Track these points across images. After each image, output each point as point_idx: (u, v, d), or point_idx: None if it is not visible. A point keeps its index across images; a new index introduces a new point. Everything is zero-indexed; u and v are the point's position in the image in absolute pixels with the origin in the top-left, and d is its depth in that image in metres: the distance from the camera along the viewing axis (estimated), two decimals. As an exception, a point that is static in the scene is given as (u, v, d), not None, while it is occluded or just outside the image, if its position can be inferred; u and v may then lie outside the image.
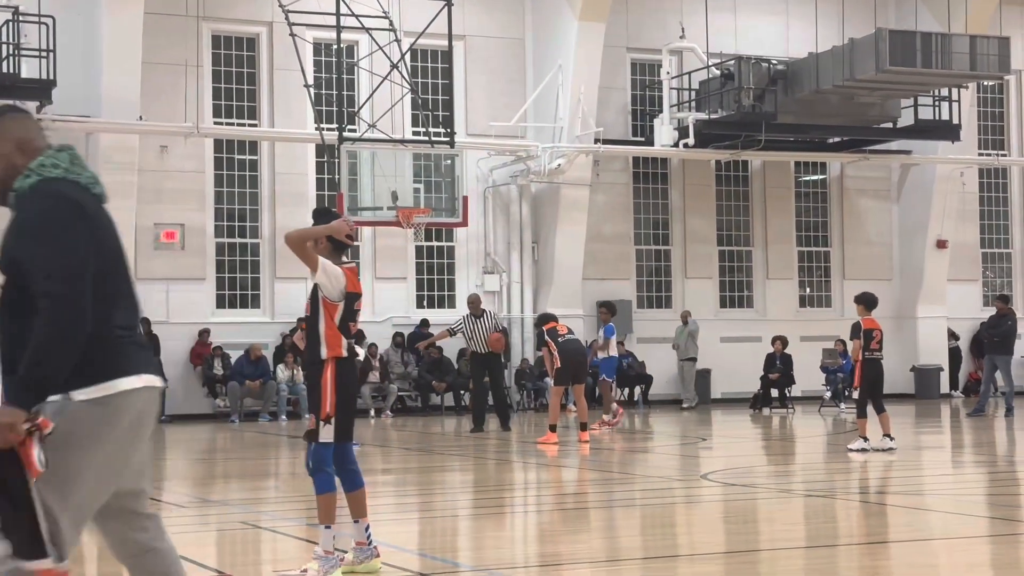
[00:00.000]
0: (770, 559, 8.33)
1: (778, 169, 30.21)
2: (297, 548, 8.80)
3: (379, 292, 27.04)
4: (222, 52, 26.24)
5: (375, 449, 18.87)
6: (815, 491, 12.14)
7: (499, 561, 8.41)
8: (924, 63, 25.35)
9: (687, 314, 27.84)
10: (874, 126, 28.70)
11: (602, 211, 28.31)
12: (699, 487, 12.54)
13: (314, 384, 7.61)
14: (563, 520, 10.61)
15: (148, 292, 24.51)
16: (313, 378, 7.63)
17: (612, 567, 8.04)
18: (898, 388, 29.26)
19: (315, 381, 7.59)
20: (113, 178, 23.89)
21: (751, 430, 21.85)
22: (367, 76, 25.18)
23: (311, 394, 7.69)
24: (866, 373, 15.88)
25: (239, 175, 26.40)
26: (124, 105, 23.66)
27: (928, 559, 8.28)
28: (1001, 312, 23.68)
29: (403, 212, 22.75)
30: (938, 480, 13.81)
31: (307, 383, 7.87)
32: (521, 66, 27.94)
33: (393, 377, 26.18)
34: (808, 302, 30.70)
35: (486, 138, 26.85)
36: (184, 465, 16.75)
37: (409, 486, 13.63)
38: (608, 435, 19.65)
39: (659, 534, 9.76)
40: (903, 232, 30.91)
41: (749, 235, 30.19)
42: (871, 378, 15.93)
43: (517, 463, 16.03)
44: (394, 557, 8.39)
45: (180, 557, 4.74)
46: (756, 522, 10.32)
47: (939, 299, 30.52)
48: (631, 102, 29.07)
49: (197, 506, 11.62)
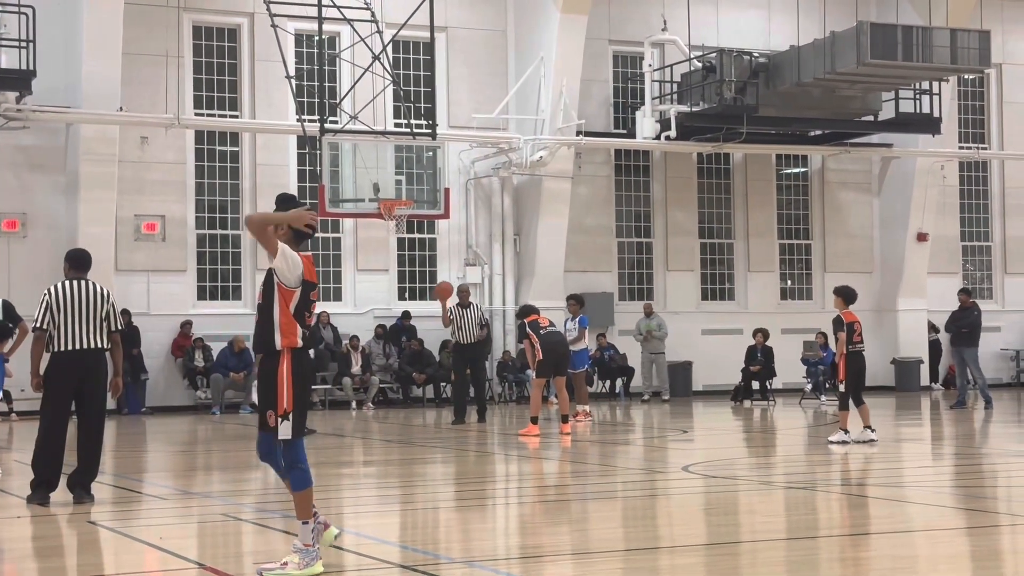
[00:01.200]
0: (751, 551, 8.36)
1: (760, 162, 30.27)
2: (279, 540, 8.78)
3: (361, 284, 27.02)
4: (203, 43, 26.15)
5: (357, 441, 18.85)
6: (796, 483, 12.17)
7: (481, 553, 8.41)
8: (905, 56, 25.43)
9: (649, 306, 27.82)
10: (855, 119, 28.78)
11: (584, 203, 28.33)
12: (680, 479, 12.56)
13: (269, 376, 7.37)
14: (544, 512, 10.62)
15: (129, 284, 24.48)
16: (268, 370, 7.39)
17: (593, 559, 8.05)
18: (878, 380, 29.37)
19: (270, 373, 7.37)
20: (94, 169, 23.87)
21: (732, 422, 21.90)
22: (349, 67, 25.14)
23: (264, 386, 7.40)
24: (850, 366, 15.92)
25: (220, 166, 26.32)
26: (104, 96, 23.57)
27: (908, 551, 8.31)
28: (964, 305, 23.74)
29: (385, 204, 22.71)
30: (918, 472, 13.86)
31: (260, 375, 7.52)
32: (503, 58, 27.92)
33: (375, 369, 26.17)
34: (789, 295, 30.79)
35: (468, 130, 26.84)
36: (165, 457, 16.71)
37: (391, 478, 13.62)
38: (588, 427, 19.67)
39: (640, 526, 9.78)
40: (884, 225, 31.00)
41: (731, 228, 30.25)
42: (855, 371, 15.98)
43: (499, 455, 16.03)
44: (376, 549, 8.39)
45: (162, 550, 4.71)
46: (737, 514, 10.35)
47: (919, 292, 30.64)
48: (613, 94, 29.08)
49: (178, 498, 11.60)
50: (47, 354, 10.75)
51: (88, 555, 8.72)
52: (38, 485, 10.69)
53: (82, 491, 10.70)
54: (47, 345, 10.72)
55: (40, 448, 10.82)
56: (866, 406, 16.09)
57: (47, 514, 10.20)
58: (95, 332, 10.69)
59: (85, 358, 10.66)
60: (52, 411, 10.76)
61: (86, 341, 10.64)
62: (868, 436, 15.78)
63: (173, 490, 12.22)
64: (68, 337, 10.62)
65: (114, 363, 11.03)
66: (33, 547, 8.98)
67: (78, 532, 9.53)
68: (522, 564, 8.01)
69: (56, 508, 10.40)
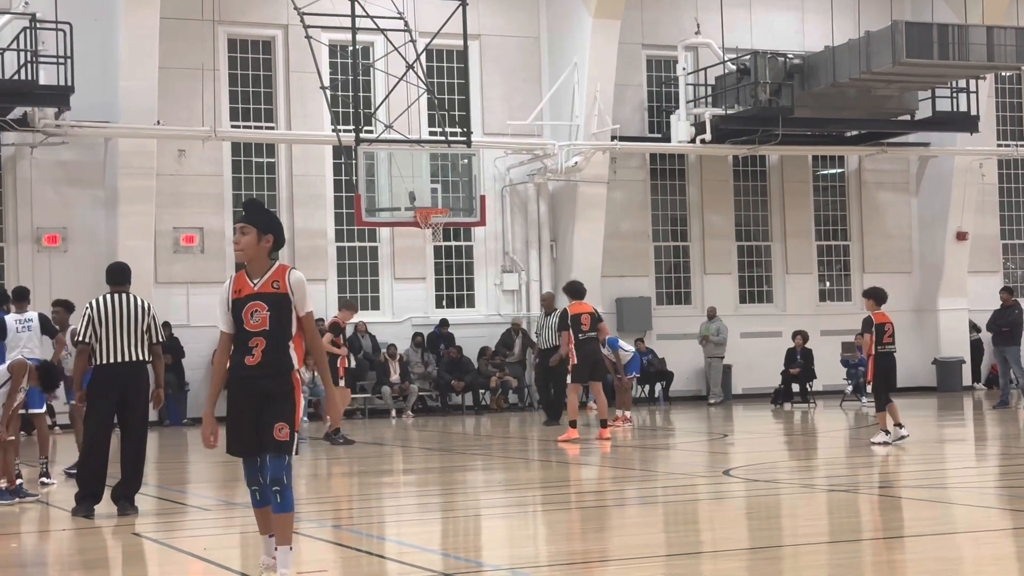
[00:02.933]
0: (793, 555, 8.32)
1: (796, 163, 30.14)
2: (321, 550, 8.82)
3: (398, 293, 27.09)
4: (238, 55, 26.31)
5: (397, 449, 18.89)
6: (838, 486, 12.11)
7: (522, 560, 8.41)
8: (941, 55, 25.26)
9: (712, 310, 27.79)
10: (892, 119, 28.61)
11: (619, 208, 28.29)
12: (721, 483, 12.52)
13: (289, 393, 7.27)
14: (585, 518, 10.61)
15: (169, 296, 24.64)
16: (287, 387, 7.28)
17: (635, 564, 8.04)
18: (919, 381, 29.19)
19: (291, 391, 7.28)
20: (131, 183, 24.05)
21: (773, 425, 21.80)
22: (383, 77, 25.22)
23: (285, 403, 7.23)
24: (880, 366, 15.97)
25: (257, 178, 26.46)
26: (142, 110, 23.76)
27: (953, 552, 8.25)
28: (1006, 303, 23.65)
29: (421, 212, 22.76)
30: (962, 473, 13.76)
31: (277, 393, 7.26)
32: (536, 64, 27.94)
33: (413, 377, 26.21)
34: (828, 296, 30.64)
35: (503, 137, 26.87)
36: (207, 468, 16.80)
37: (431, 486, 13.64)
38: (627, 431, 19.64)
39: (682, 531, 9.75)
40: (922, 225, 30.80)
41: (768, 230, 30.14)
42: (885, 371, 16.02)
43: (538, 461, 16.03)
44: (418, 557, 8.41)
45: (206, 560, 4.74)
46: (779, 518, 10.31)
47: (960, 291, 30.42)
48: (647, 99, 29.03)
49: (221, 509, 11.66)
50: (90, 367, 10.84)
51: (133, 567, 8.78)
52: (83, 498, 10.77)
53: (126, 503, 10.78)
54: (90, 358, 10.82)
55: (84, 460, 10.91)
56: (893, 404, 16.04)
57: (92, 526, 10.27)
58: (136, 344, 10.78)
59: (127, 370, 10.74)
60: (95, 424, 10.86)
61: (128, 354, 10.73)
62: (900, 433, 15.76)
63: (216, 501, 12.28)
64: (110, 350, 10.71)
65: (156, 375, 11.11)
66: (80, 560, 9.05)
67: (123, 544, 9.60)
68: (564, 570, 8.00)
69: (100, 520, 10.48)
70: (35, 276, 23.60)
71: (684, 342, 28.32)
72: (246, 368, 7.22)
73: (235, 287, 7.30)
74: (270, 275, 7.27)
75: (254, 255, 7.30)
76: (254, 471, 7.31)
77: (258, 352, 7.21)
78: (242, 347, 7.25)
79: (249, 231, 7.28)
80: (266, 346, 7.20)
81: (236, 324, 7.25)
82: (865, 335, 16.00)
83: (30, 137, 24.01)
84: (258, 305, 7.22)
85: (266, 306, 7.21)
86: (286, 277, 7.27)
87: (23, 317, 13.73)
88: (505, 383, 26.78)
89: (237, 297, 7.26)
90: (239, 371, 7.26)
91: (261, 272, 7.29)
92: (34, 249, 24.45)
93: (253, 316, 7.21)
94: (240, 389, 7.28)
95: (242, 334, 7.24)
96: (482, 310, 27.74)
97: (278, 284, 7.25)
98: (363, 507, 11.95)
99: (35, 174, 24.50)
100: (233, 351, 7.30)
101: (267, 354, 7.20)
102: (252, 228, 7.29)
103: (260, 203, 7.63)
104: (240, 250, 7.31)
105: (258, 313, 7.21)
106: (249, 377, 7.23)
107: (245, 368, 7.22)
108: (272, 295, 7.23)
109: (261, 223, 7.32)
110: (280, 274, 7.28)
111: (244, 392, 7.25)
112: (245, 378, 7.24)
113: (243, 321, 7.22)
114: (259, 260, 7.30)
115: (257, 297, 7.23)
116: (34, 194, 24.54)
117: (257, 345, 7.20)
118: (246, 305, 7.23)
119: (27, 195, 24.53)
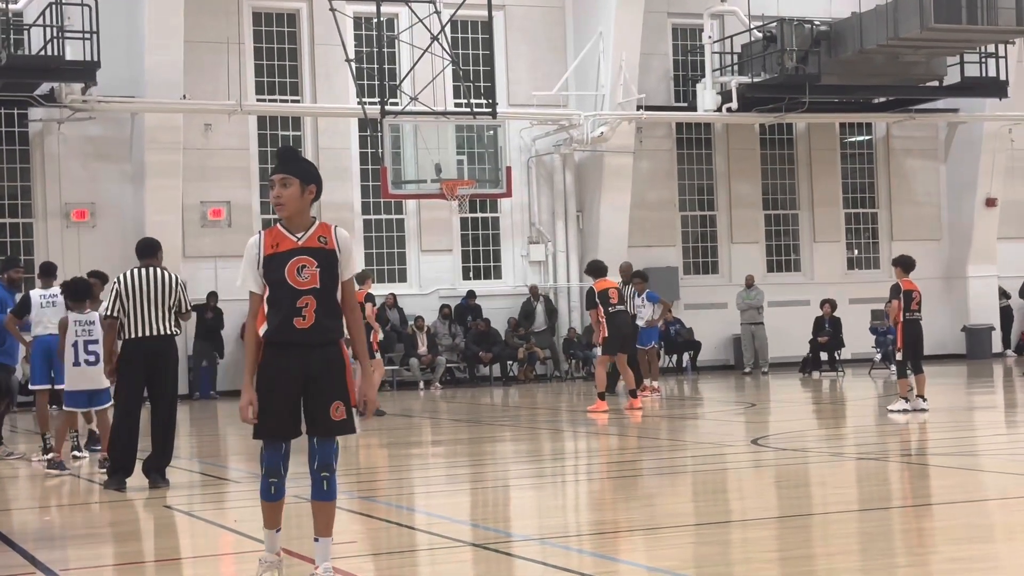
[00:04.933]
0: (823, 523, 8.32)
1: (823, 131, 29.97)
2: (352, 520, 8.86)
3: (425, 265, 27.12)
4: (263, 29, 26.31)
5: (425, 421, 18.96)
6: (867, 454, 12.09)
7: (551, 530, 8.43)
8: (969, 19, 25.04)
9: (750, 278, 27.58)
10: (920, 85, 28.39)
11: (646, 178, 28.21)
12: (750, 452, 12.52)
13: (339, 364, 6.45)
14: (614, 488, 10.63)
15: (197, 270, 24.74)
16: (337, 357, 6.46)
17: (664, 534, 8.05)
18: (949, 349, 29.07)
19: (340, 361, 6.46)
20: (158, 158, 24.13)
21: (801, 394, 21.77)
22: (408, 49, 25.17)
23: (335, 376, 6.43)
24: (907, 334, 15.95)
25: (283, 151, 26.45)
26: (167, 84, 23.80)
27: (983, 519, 8.23)
28: None
29: (447, 184, 22.75)
30: (992, 440, 13.72)
31: (326, 364, 6.45)
32: (561, 34, 27.83)
33: (441, 349, 26.27)
34: (856, 264, 30.50)
35: (528, 108, 26.80)
36: (238, 441, 16.90)
37: (459, 457, 13.69)
38: (656, 401, 19.65)
39: (711, 500, 9.76)
40: (951, 191, 30.60)
41: (795, 198, 30.01)
42: (912, 339, 16.00)
43: (567, 432, 16.06)
44: (447, 528, 8.44)
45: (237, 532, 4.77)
46: (808, 486, 10.30)
47: (989, 258, 30.24)
48: (673, 67, 28.89)
49: (251, 481, 11.72)
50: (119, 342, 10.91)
51: (165, 539, 8.86)
52: (114, 471, 10.85)
53: (157, 476, 10.86)
54: (119, 333, 10.88)
55: (115, 434, 10.99)
56: (923, 375, 16.06)
57: (124, 499, 10.36)
58: (165, 318, 10.83)
59: (156, 344, 10.79)
60: (125, 397, 10.92)
61: (156, 328, 10.78)
62: (920, 405, 15.73)
63: (246, 473, 12.35)
64: (138, 324, 10.76)
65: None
66: (112, 532, 9.13)
67: (154, 516, 9.68)
68: (593, 540, 8.03)
69: (132, 493, 10.56)
70: (64, 251, 23.73)
71: (712, 312, 28.27)
72: (295, 332, 6.30)
73: (269, 242, 6.39)
74: (315, 230, 6.41)
75: (296, 209, 6.40)
76: (278, 458, 6.58)
77: (309, 313, 6.30)
78: (287, 308, 6.31)
79: (291, 183, 6.38)
80: (317, 307, 6.30)
81: (276, 282, 6.34)
82: (893, 301, 15.99)
83: (57, 113, 24.11)
84: (306, 260, 6.33)
85: (315, 262, 6.33)
86: (332, 233, 6.43)
87: (48, 293, 13.78)
88: (532, 355, 26.79)
89: (274, 252, 6.36)
90: (284, 334, 6.31)
91: (304, 227, 6.40)
92: (63, 224, 24.58)
93: (301, 272, 6.32)
94: (281, 361, 6.36)
95: (286, 293, 6.32)
96: (509, 281, 27.74)
97: (325, 239, 6.39)
98: (392, 478, 12.00)
99: (63, 150, 24.61)
100: (271, 314, 6.36)
101: (319, 317, 6.31)
102: (294, 179, 6.39)
103: (296, 150, 6.66)
104: (281, 204, 6.38)
105: (307, 269, 6.32)
106: (297, 344, 6.32)
107: (293, 332, 6.29)
108: (320, 251, 6.35)
109: (303, 173, 6.43)
110: (326, 230, 6.43)
111: (287, 364, 6.35)
112: (291, 345, 6.32)
113: (285, 279, 6.31)
114: (302, 214, 6.42)
115: (304, 252, 6.34)
116: (62, 170, 24.65)
117: (307, 305, 6.30)
118: (290, 260, 6.32)
119: (55, 171, 24.64)
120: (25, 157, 24.76)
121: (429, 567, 7.39)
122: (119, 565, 7.68)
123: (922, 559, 6.90)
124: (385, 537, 8.34)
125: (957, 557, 6.88)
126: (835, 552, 7.21)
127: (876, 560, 6.78)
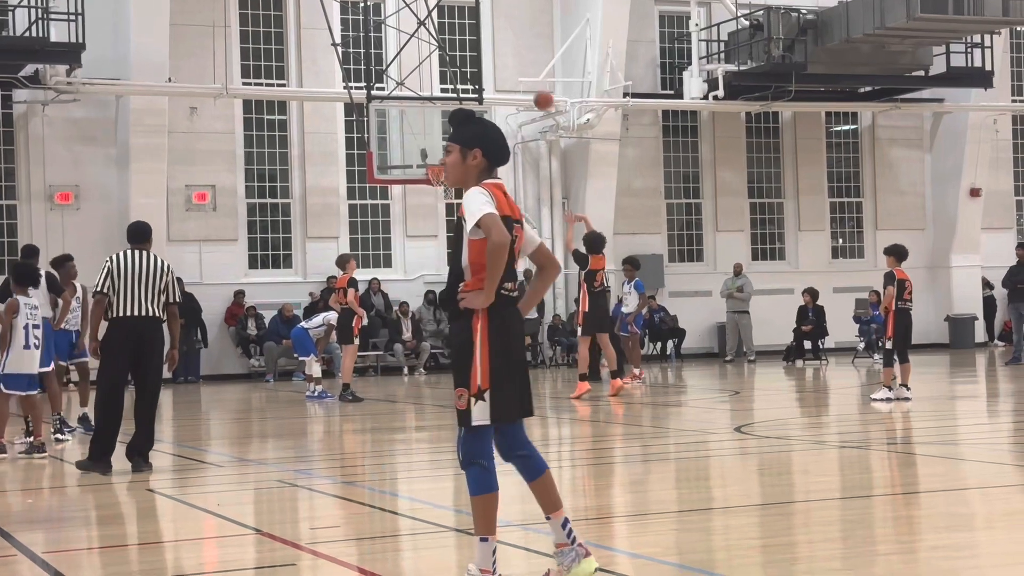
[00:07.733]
0: (804, 511, 8.34)
1: (809, 120, 30.01)
2: (334, 506, 8.86)
3: (410, 250, 27.11)
4: (249, 12, 26.22)
5: (409, 406, 18.96)
6: (849, 442, 12.13)
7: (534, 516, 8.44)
8: (956, 9, 25.08)
9: (738, 266, 27.58)
10: (905, 74, 28.45)
11: (632, 165, 28.22)
12: (733, 440, 12.55)
13: (463, 344, 5.71)
14: (597, 475, 10.65)
15: (181, 254, 24.67)
16: (461, 336, 5.73)
17: (646, 520, 8.07)
18: (932, 338, 29.18)
19: (465, 339, 5.71)
20: (143, 140, 24.05)
21: (784, 382, 21.82)
22: (394, 34, 25.13)
23: (458, 359, 5.73)
24: (898, 323, 15.96)
25: (269, 135, 26.44)
26: (153, 67, 23.72)
27: (964, 508, 8.27)
28: (1022, 260, 23.61)
29: (433, 170, 22.72)
30: (974, 429, 13.77)
31: (452, 343, 5.86)
32: (548, 21, 27.80)
33: (426, 335, 26.27)
34: (840, 253, 30.58)
35: (514, 94, 26.77)
36: (221, 425, 16.88)
37: (444, 443, 13.69)
38: (640, 388, 19.67)
39: (694, 487, 9.78)
40: (936, 181, 30.68)
41: (780, 187, 30.06)
42: (903, 328, 16.02)
43: (551, 419, 16.07)
44: (430, 513, 8.45)
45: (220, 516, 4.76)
46: (790, 474, 10.33)
47: (973, 248, 30.35)
48: (660, 55, 28.90)
49: (235, 465, 11.72)
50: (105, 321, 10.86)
51: (147, 522, 8.84)
52: (99, 454, 10.81)
53: (140, 459, 10.83)
54: (106, 311, 10.83)
55: (99, 415, 10.94)
56: (909, 364, 16.10)
57: (106, 482, 10.33)
58: (153, 301, 10.79)
59: (142, 324, 10.74)
60: (109, 376, 10.86)
61: (143, 308, 10.73)
62: (903, 394, 15.78)
63: (229, 457, 12.34)
64: (126, 303, 10.72)
65: (171, 336, 11.11)
66: (95, 515, 9.11)
67: (137, 500, 9.66)
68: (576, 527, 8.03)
69: (115, 477, 10.54)
70: (48, 234, 23.65)
71: (696, 299, 28.32)
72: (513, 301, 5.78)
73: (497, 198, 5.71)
74: None
75: (460, 177, 5.81)
76: None
77: None
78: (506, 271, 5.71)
79: (452, 149, 5.82)
80: None
81: None
82: (888, 288, 15.96)
83: (42, 95, 24.00)
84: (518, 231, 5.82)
85: None
86: None
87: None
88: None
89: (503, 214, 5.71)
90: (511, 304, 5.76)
91: None
92: (47, 207, 24.49)
93: None
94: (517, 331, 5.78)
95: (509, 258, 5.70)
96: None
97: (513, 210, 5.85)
98: (375, 463, 12.00)
99: (47, 132, 24.51)
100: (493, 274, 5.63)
101: None
102: (455, 145, 5.81)
103: (468, 112, 5.99)
104: (446, 176, 5.89)
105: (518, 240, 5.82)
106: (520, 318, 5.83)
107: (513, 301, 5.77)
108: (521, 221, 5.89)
109: (465, 137, 5.80)
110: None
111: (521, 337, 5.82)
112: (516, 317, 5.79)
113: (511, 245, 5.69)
114: (466, 183, 5.79)
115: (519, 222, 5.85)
116: (46, 152, 24.55)
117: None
118: (513, 227, 5.75)
119: (39, 153, 24.55)
120: (9, 139, 24.66)
121: (412, 552, 7.39)
122: (102, 548, 7.66)
123: (904, 547, 6.93)
124: (367, 521, 8.34)
125: (938, 545, 6.91)
126: (817, 539, 7.23)
127: (858, 547, 6.81)
